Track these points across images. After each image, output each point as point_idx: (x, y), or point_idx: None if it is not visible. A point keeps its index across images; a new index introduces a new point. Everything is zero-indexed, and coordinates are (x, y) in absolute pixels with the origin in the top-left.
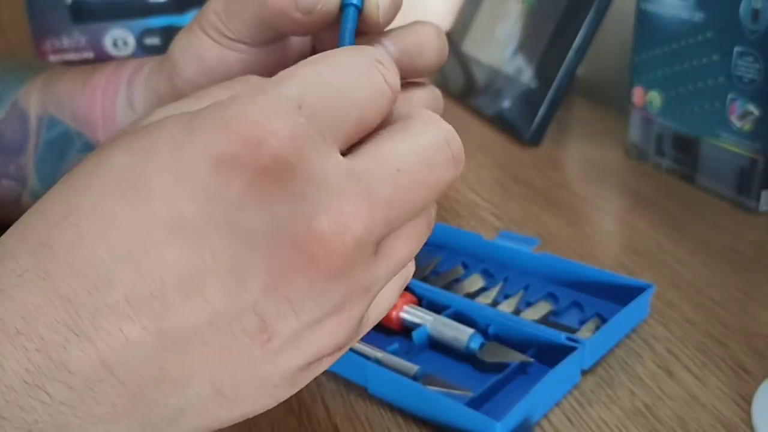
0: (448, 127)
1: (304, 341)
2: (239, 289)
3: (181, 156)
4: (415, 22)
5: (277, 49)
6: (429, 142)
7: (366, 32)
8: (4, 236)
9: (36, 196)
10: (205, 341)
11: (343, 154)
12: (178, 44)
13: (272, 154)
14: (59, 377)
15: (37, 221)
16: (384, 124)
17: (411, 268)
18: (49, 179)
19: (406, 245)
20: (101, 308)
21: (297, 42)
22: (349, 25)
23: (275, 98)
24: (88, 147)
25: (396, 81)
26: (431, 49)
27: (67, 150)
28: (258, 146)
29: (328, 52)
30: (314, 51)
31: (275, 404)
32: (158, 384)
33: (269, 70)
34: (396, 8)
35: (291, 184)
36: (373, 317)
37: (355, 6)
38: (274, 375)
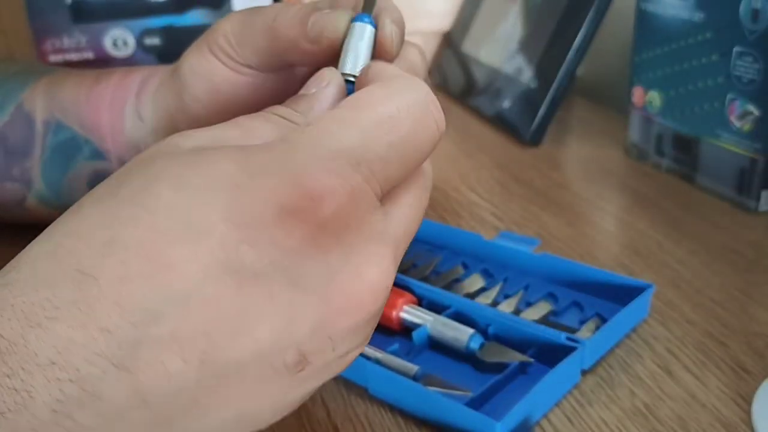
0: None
1: (330, 369)
2: (288, 332)
3: (242, 200)
4: (406, 45)
5: (286, 74)
6: (424, 191)
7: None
8: (32, 252)
9: (42, 199)
10: (244, 375)
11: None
12: (187, 63)
13: (332, 211)
14: (90, 406)
15: (75, 242)
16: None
17: None
18: (56, 183)
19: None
20: (144, 340)
21: (301, 71)
22: (366, 42)
23: (336, 153)
24: (97, 154)
25: (443, 119)
26: (419, 73)
27: (74, 156)
28: (320, 201)
29: (385, 84)
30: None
31: (286, 414)
32: (187, 412)
33: (277, 93)
34: (402, 36)
35: (346, 238)
36: None
37: (372, 25)
38: (295, 398)
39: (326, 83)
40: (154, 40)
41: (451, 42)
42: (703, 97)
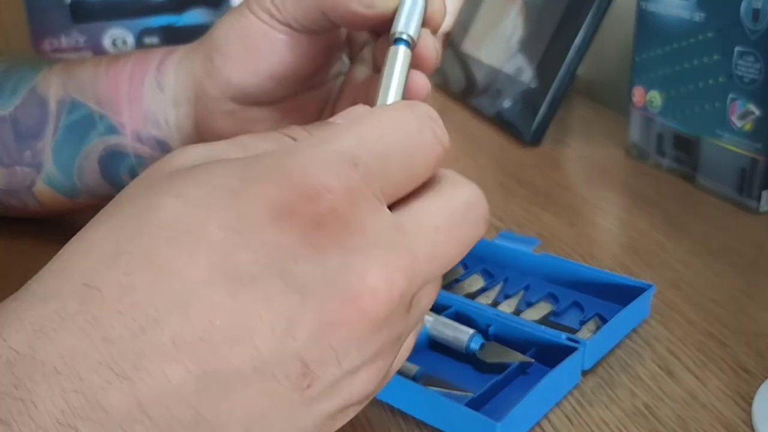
0: (475, 188)
1: (340, 389)
2: (288, 337)
3: (238, 206)
4: None
5: (323, 37)
6: (461, 203)
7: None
8: (42, 270)
9: (51, 183)
10: (246, 386)
11: (389, 206)
12: (222, 23)
13: (328, 208)
14: (93, 416)
15: (81, 259)
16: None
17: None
18: (67, 164)
19: (430, 297)
20: (146, 350)
21: (342, 32)
22: (419, 8)
23: (332, 153)
24: (111, 129)
25: (446, 137)
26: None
27: (88, 132)
28: (315, 200)
29: (380, 107)
30: (348, 43)
31: None
32: (191, 427)
33: (313, 56)
34: (446, 8)
35: (344, 238)
36: (396, 366)
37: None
38: (306, 422)
39: (351, 117)
40: (153, 40)
41: (451, 42)
42: (704, 97)
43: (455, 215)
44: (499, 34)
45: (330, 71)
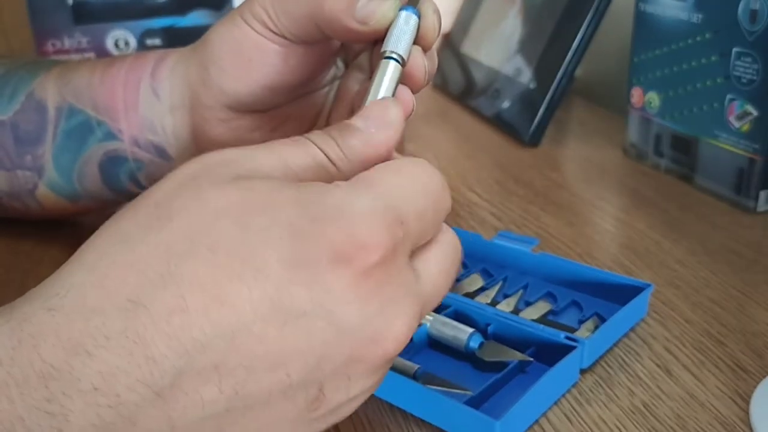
0: (455, 234)
1: (339, 412)
2: (317, 370)
3: (300, 243)
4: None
5: (317, 47)
6: (452, 248)
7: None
8: (77, 278)
9: (53, 187)
10: (269, 406)
11: None
12: (216, 33)
13: (379, 261)
14: (122, 429)
15: (125, 275)
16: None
17: None
18: (68, 169)
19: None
20: (187, 371)
21: (336, 42)
22: (411, 29)
23: (388, 208)
24: (110, 135)
25: (450, 201)
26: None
27: (86, 139)
28: (370, 252)
29: (408, 160)
30: (343, 49)
31: None
32: None
33: (307, 66)
34: (440, 27)
35: (385, 290)
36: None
37: (398, 62)
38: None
39: (386, 127)
40: (155, 41)
41: (450, 43)
42: (702, 98)
43: (449, 260)
44: (498, 35)
45: (325, 77)
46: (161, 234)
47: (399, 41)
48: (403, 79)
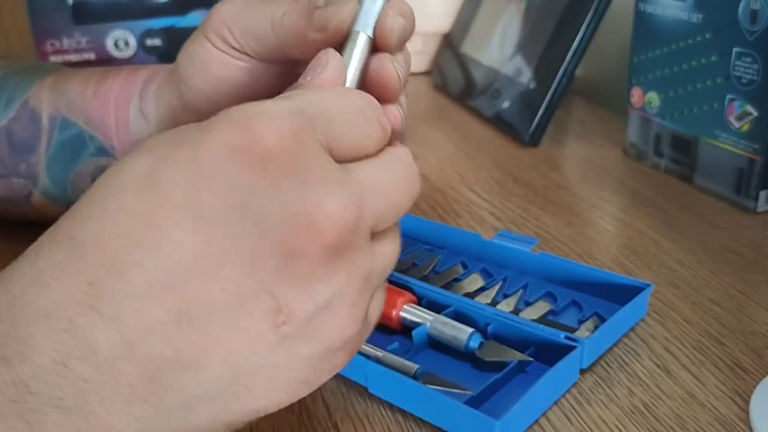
0: (407, 150)
1: (317, 327)
2: (254, 270)
3: (198, 151)
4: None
5: (282, 64)
6: (399, 160)
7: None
8: (39, 239)
9: (47, 195)
10: (221, 322)
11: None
12: (183, 53)
13: (277, 144)
14: (84, 356)
15: (65, 220)
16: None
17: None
18: (61, 179)
19: (392, 244)
20: (126, 291)
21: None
22: (358, 54)
23: (281, 104)
24: (102, 151)
25: (388, 126)
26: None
27: (80, 152)
28: (264, 137)
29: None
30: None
31: (288, 403)
32: (175, 366)
33: (278, 81)
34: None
35: (297, 173)
36: (374, 317)
37: (369, 36)
38: (289, 364)
39: (321, 69)
40: (155, 41)
41: (450, 43)
42: (702, 98)
43: (391, 164)
44: (498, 36)
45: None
46: (98, 183)
47: (366, 20)
48: (380, 90)
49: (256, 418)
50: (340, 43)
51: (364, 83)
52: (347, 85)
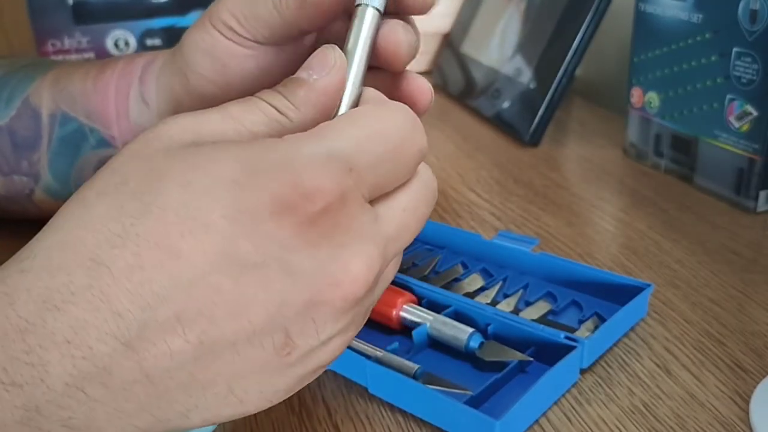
0: (429, 169)
1: (313, 356)
2: (278, 314)
3: (241, 198)
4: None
5: (293, 46)
6: (422, 184)
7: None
8: (45, 241)
9: (50, 192)
10: (237, 353)
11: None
12: (189, 41)
13: (323, 208)
14: (99, 380)
15: (86, 234)
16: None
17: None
18: (63, 174)
19: (393, 271)
20: (150, 323)
21: (308, 40)
22: (366, 30)
23: (331, 158)
24: (103, 143)
25: (426, 144)
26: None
27: (80, 146)
28: (312, 200)
29: (369, 107)
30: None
31: (269, 406)
32: (185, 387)
33: (283, 65)
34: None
35: (334, 235)
36: (359, 329)
37: (376, 9)
38: (280, 384)
39: (327, 71)
40: (155, 41)
41: (450, 43)
42: (702, 98)
43: (417, 198)
44: (498, 36)
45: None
46: (116, 197)
47: None
48: (408, 95)
49: (242, 417)
50: (332, 14)
51: (375, 53)
52: (356, 63)
